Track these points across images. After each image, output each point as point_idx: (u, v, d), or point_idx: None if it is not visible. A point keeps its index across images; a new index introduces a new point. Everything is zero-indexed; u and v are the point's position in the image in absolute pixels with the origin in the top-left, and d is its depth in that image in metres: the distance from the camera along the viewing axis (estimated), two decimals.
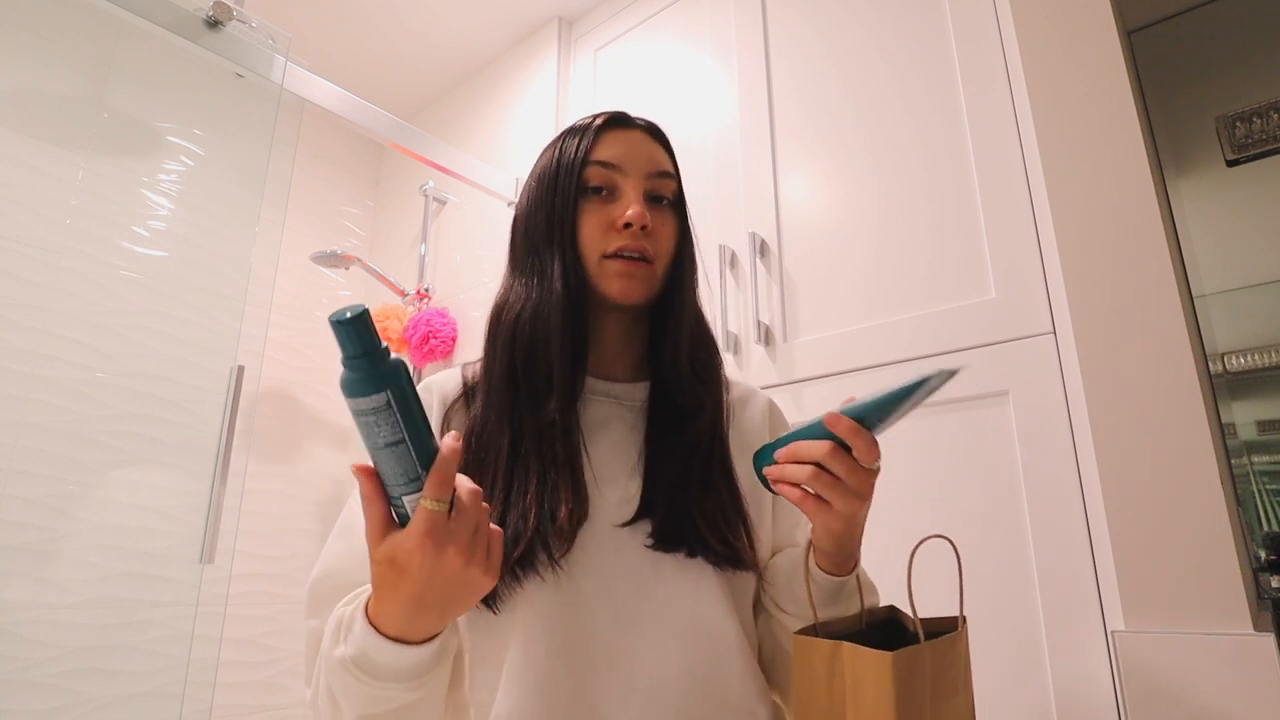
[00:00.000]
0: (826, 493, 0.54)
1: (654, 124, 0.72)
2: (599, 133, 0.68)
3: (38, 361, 1.30)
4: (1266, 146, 1.09)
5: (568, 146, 0.68)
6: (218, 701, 1.46)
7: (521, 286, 0.67)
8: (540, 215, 0.68)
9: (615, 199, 0.66)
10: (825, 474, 0.54)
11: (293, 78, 1.33)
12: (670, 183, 0.70)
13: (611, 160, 0.67)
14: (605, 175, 0.66)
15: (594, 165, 0.67)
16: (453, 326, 1.80)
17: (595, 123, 0.69)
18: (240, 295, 1.45)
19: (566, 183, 0.67)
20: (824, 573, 0.61)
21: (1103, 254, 0.92)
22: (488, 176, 1.69)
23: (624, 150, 0.68)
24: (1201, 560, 0.79)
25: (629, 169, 0.67)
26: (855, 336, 1.14)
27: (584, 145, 0.67)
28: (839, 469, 0.53)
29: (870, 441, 0.53)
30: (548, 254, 0.66)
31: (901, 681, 0.50)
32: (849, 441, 0.53)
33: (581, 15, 1.85)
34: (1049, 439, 0.93)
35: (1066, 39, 1.00)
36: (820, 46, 1.32)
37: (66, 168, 1.39)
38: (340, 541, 0.62)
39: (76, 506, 1.31)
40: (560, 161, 0.68)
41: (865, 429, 0.53)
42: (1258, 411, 1.04)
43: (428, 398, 0.67)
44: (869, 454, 0.53)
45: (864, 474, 0.54)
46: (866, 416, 0.53)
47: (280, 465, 1.87)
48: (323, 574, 0.60)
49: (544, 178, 0.69)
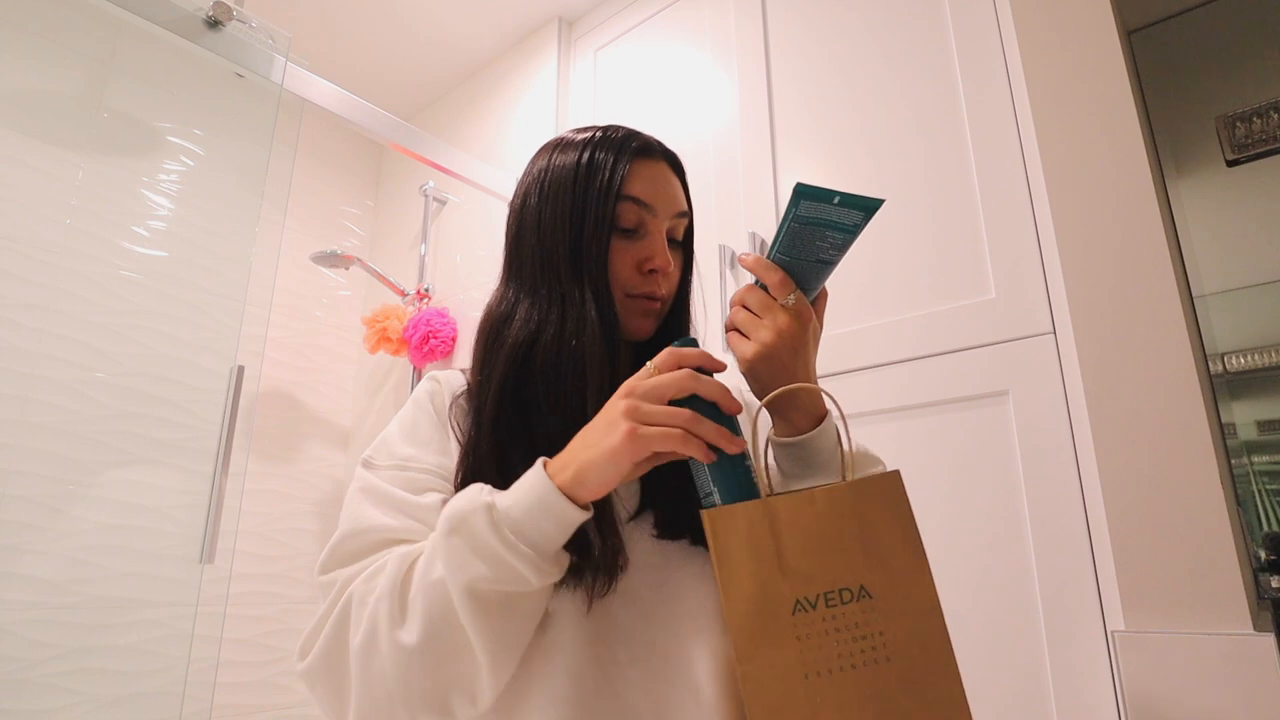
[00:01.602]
0: (744, 326, 0.58)
1: (676, 156, 0.71)
2: (631, 161, 0.65)
3: (38, 361, 1.30)
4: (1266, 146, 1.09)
5: (597, 164, 0.65)
6: (218, 701, 1.46)
7: (539, 311, 0.63)
8: (561, 236, 0.64)
9: (641, 237, 0.66)
10: (744, 311, 0.58)
11: (293, 78, 1.33)
12: (685, 221, 0.70)
13: (643, 198, 0.65)
14: (636, 213, 0.65)
15: (627, 201, 0.64)
16: (453, 326, 1.80)
17: (629, 145, 0.66)
18: (240, 295, 1.45)
19: (599, 213, 0.63)
20: (777, 438, 0.60)
21: (1103, 254, 0.92)
22: (488, 176, 1.69)
23: (654, 188, 0.66)
24: (1201, 560, 0.79)
25: (659, 210, 0.66)
26: (855, 336, 1.14)
27: (617, 174, 0.64)
28: (754, 304, 0.57)
29: (773, 272, 0.56)
30: (573, 283, 0.63)
31: (720, 541, 0.47)
32: (756, 274, 0.57)
33: (581, 15, 1.85)
34: (1049, 439, 0.93)
35: (1066, 39, 1.00)
36: (820, 46, 1.32)
37: (66, 168, 1.39)
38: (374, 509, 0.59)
39: (77, 506, 1.31)
40: (590, 184, 0.64)
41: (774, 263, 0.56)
42: (1258, 411, 1.04)
43: (435, 387, 0.67)
44: (777, 286, 0.56)
45: (777, 309, 0.56)
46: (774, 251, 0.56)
47: (280, 465, 1.87)
48: (355, 530, 0.58)
49: (561, 191, 0.65)
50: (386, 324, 1.82)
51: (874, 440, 1.08)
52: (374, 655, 0.50)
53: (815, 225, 0.52)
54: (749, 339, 0.57)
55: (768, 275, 0.56)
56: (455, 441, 0.63)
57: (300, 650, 0.55)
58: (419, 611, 0.49)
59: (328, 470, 1.97)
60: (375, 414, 1.99)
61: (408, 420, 0.66)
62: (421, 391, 0.68)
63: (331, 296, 2.08)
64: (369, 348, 1.85)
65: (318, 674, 0.53)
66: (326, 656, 0.52)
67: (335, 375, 2.05)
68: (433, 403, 0.66)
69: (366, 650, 0.50)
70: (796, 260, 0.55)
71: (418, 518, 0.57)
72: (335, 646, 0.52)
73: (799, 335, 0.56)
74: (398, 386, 1.95)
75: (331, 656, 0.52)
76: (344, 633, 0.52)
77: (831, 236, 0.53)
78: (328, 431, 2.00)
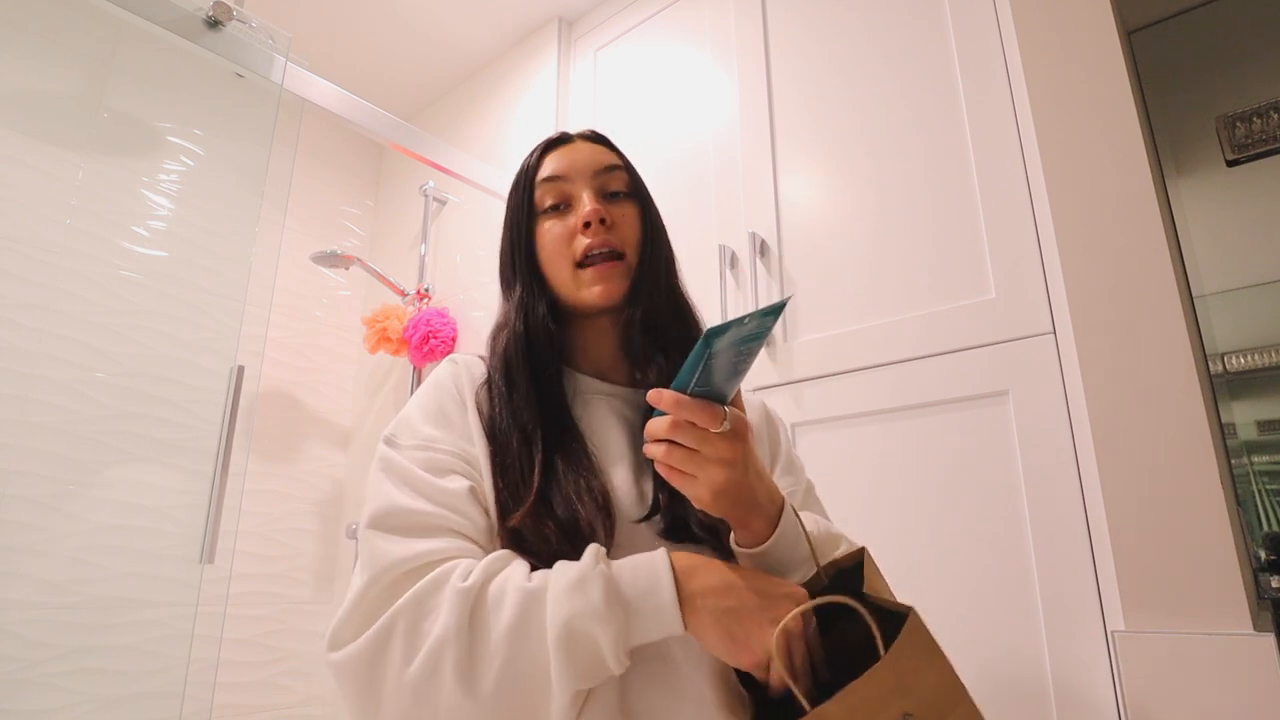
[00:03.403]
0: (683, 465, 0.52)
1: (594, 131, 0.75)
2: (541, 155, 0.72)
3: (38, 361, 1.30)
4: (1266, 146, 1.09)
5: (518, 180, 0.73)
6: (218, 701, 1.46)
7: (505, 311, 0.71)
8: (506, 244, 0.73)
9: (571, 209, 0.69)
10: (678, 447, 0.52)
11: (293, 78, 1.33)
12: (620, 174, 0.72)
13: (555, 173, 0.70)
14: (554, 189, 0.70)
15: (541, 184, 0.71)
16: (453, 326, 1.80)
17: (536, 150, 0.73)
18: (240, 295, 1.45)
19: (519, 212, 0.71)
20: (740, 548, 0.58)
21: (1103, 254, 0.92)
22: (488, 176, 1.69)
23: (565, 161, 0.71)
24: (1201, 560, 0.79)
25: (574, 175, 0.70)
26: (855, 336, 1.14)
27: (529, 172, 0.72)
28: (689, 440, 0.51)
29: (702, 408, 0.50)
30: (514, 285, 0.70)
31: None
32: (676, 416, 0.51)
33: (581, 15, 1.85)
34: (1049, 439, 0.93)
35: (1066, 39, 1.00)
36: (820, 46, 1.32)
37: (66, 168, 1.39)
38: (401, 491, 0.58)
39: (76, 506, 1.31)
40: (513, 193, 0.73)
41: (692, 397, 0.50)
42: (1258, 411, 1.04)
43: (456, 369, 0.68)
44: (709, 420, 0.50)
45: (715, 440, 0.51)
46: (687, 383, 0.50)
47: (280, 465, 1.87)
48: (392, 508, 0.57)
49: (507, 210, 0.73)
50: (386, 324, 1.82)
51: (873, 440, 1.08)
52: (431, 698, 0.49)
53: (729, 348, 0.49)
54: (696, 478, 0.52)
55: (696, 415, 0.50)
56: (478, 426, 0.63)
57: (332, 639, 0.53)
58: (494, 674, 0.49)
59: (328, 470, 1.97)
60: (375, 414, 1.99)
61: (430, 402, 0.66)
62: (444, 374, 0.68)
63: (331, 296, 2.08)
64: (369, 348, 1.85)
65: (350, 675, 0.51)
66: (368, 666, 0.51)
67: (335, 375, 2.05)
68: (455, 384, 0.67)
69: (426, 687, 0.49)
70: (715, 385, 0.51)
71: (444, 503, 0.57)
72: (377, 659, 0.50)
73: (745, 453, 0.53)
74: (398, 386, 1.95)
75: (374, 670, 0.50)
76: (388, 651, 0.50)
77: (746, 347, 0.50)
78: (328, 431, 2.00)
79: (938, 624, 0.97)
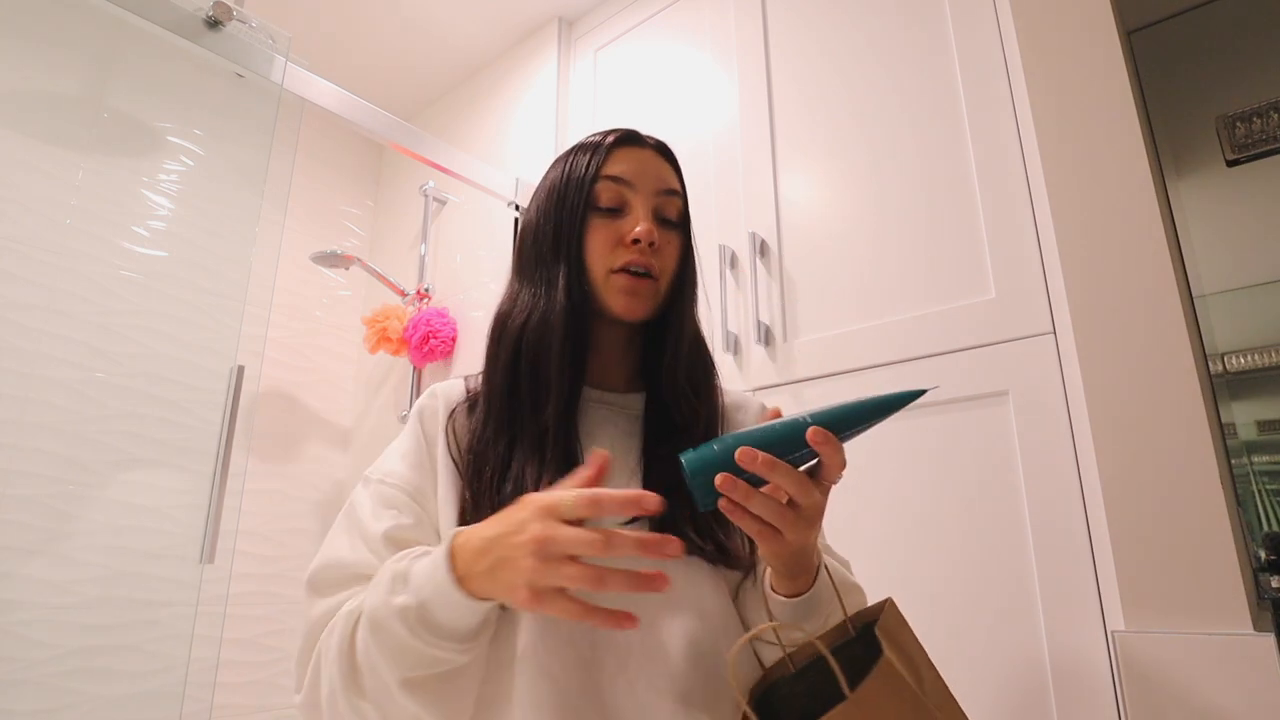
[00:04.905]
0: (780, 523, 0.49)
1: (664, 143, 0.73)
2: (610, 150, 0.69)
3: (38, 361, 1.30)
4: (1266, 146, 1.09)
5: (578, 162, 0.70)
6: (218, 701, 1.46)
7: (528, 296, 0.68)
8: (548, 227, 0.69)
9: (624, 215, 0.68)
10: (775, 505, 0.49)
11: (293, 78, 1.33)
12: (677, 201, 0.71)
13: (622, 176, 0.68)
14: (615, 191, 0.68)
15: (605, 180, 0.68)
16: (453, 326, 1.80)
17: (607, 140, 0.70)
18: (240, 295, 1.45)
19: (576, 197, 0.68)
20: (779, 595, 0.58)
21: (1103, 254, 0.92)
22: (488, 176, 1.69)
23: (634, 167, 0.69)
24: (1201, 560, 0.79)
25: (639, 185, 0.68)
26: (855, 336, 1.14)
27: (595, 161, 0.69)
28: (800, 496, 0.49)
29: (842, 457, 0.49)
30: (555, 266, 0.67)
31: None
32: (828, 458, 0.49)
33: (581, 15, 1.85)
34: (1049, 439, 0.92)
35: (1066, 39, 1.00)
36: (820, 46, 1.32)
37: (66, 168, 1.39)
38: (344, 536, 0.62)
39: (77, 506, 1.31)
40: (570, 176, 0.69)
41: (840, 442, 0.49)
42: (1258, 411, 1.04)
43: (433, 403, 0.69)
44: (838, 469, 0.49)
45: (821, 501, 0.51)
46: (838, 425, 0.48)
47: (280, 465, 1.87)
48: (325, 564, 0.61)
49: (553, 191, 0.70)
50: (386, 324, 1.82)
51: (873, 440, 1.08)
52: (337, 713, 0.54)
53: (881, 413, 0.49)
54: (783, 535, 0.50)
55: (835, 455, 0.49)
56: (448, 455, 0.65)
57: (295, 683, 0.59)
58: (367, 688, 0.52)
59: (328, 470, 1.97)
60: (375, 414, 1.99)
61: (402, 434, 0.68)
62: (417, 405, 0.70)
63: (331, 296, 2.08)
64: (369, 348, 1.85)
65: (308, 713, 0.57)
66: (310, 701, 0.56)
67: (335, 375, 2.05)
68: (420, 418, 0.68)
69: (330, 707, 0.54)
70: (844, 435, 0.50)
71: (371, 548, 0.60)
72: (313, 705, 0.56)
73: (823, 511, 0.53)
74: (397, 387, 1.95)
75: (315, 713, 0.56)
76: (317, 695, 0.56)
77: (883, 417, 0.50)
78: (328, 431, 1.99)
79: (938, 625, 0.97)
